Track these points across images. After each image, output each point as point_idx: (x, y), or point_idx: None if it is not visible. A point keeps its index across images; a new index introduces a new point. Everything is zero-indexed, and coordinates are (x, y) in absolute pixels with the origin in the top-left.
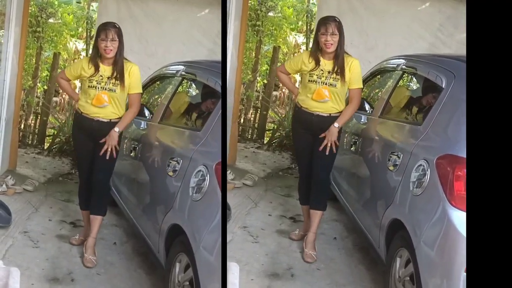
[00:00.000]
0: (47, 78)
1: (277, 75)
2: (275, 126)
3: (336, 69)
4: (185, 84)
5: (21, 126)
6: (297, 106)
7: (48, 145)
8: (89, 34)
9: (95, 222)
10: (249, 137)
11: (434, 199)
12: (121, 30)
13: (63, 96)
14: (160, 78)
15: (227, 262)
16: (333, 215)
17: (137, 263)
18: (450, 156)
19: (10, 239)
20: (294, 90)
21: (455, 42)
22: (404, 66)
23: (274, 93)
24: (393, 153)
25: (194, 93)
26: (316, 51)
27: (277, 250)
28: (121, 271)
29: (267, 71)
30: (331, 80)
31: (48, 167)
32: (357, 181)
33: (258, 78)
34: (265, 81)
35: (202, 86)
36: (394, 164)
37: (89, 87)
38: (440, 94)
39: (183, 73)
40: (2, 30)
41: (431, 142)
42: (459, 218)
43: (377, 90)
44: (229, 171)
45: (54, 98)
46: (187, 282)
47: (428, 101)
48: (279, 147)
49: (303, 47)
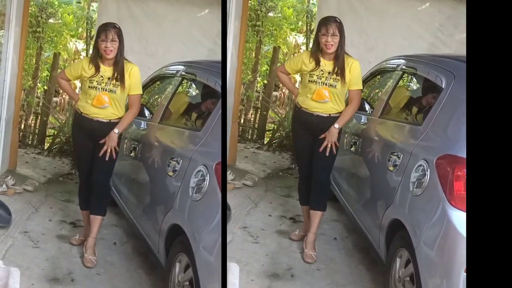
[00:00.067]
0: (47, 78)
1: (277, 75)
2: (275, 127)
3: (336, 69)
4: (185, 84)
5: (21, 126)
6: (297, 106)
7: (48, 145)
8: (89, 34)
9: (95, 222)
10: (249, 137)
11: (434, 199)
12: (121, 31)
13: (63, 96)
14: (160, 78)
15: (227, 263)
16: (333, 216)
17: (137, 263)
18: (450, 156)
19: (10, 239)
20: (294, 90)
21: (455, 42)
22: (404, 66)
23: (274, 93)
24: (393, 153)
25: (194, 93)
26: (316, 52)
27: (277, 250)
28: (121, 271)
29: (267, 72)
30: (331, 80)
31: (48, 167)
32: (357, 181)
33: (258, 78)
34: (265, 81)
35: (202, 86)
36: (394, 164)
37: (89, 88)
38: (440, 94)
39: (183, 73)
40: (2, 30)
41: (431, 142)
42: (459, 218)
43: (377, 90)
44: (229, 172)
45: (54, 98)
46: (187, 282)
47: (428, 101)
48: (279, 148)
49: (303, 48)
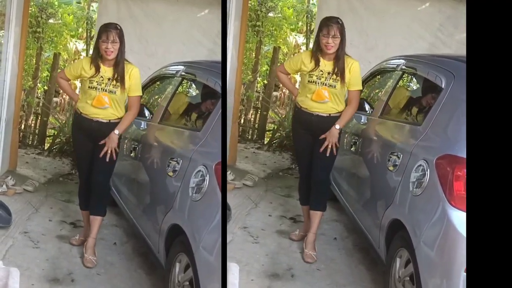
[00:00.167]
0: (47, 78)
1: (276, 75)
2: (275, 127)
3: (336, 70)
4: (185, 84)
5: (21, 126)
6: (296, 106)
7: (48, 145)
8: (89, 34)
9: (95, 223)
10: (249, 137)
11: (433, 199)
12: (122, 32)
13: (64, 96)
14: (160, 78)
15: (227, 263)
16: (333, 216)
17: (137, 263)
18: (450, 156)
19: (10, 240)
20: (294, 90)
21: (455, 42)
22: (404, 66)
23: (274, 93)
24: (393, 153)
25: (194, 93)
26: (316, 52)
27: (277, 250)
28: (121, 271)
29: (267, 72)
30: (331, 81)
31: (48, 168)
32: (357, 181)
33: (258, 78)
34: (265, 81)
35: (202, 87)
36: (394, 164)
37: (89, 88)
38: (439, 94)
39: (183, 73)
40: (2, 31)
41: (431, 142)
42: (459, 218)
43: (377, 91)
44: (229, 172)
45: (55, 99)
46: (187, 282)
47: (427, 101)
48: (279, 148)
49: (303, 48)
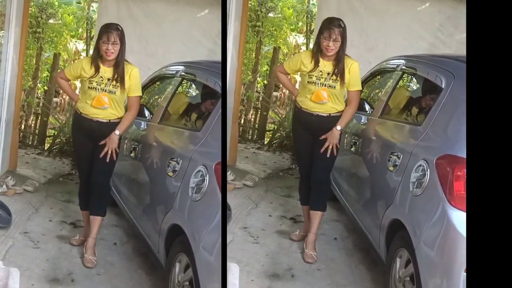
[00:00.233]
0: (47, 78)
1: (276, 76)
2: (276, 127)
3: (335, 71)
4: (185, 84)
5: (21, 126)
6: (296, 106)
7: (48, 145)
8: (89, 34)
9: (95, 223)
10: (249, 137)
11: (434, 199)
12: (123, 33)
13: (64, 96)
14: (160, 79)
15: (228, 263)
16: (333, 216)
17: (137, 263)
18: (450, 156)
19: (10, 240)
20: (294, 91)
21: (455, 42)
22: (404, 67)
23: (275, 93)
24: (393, 153)
25: (194, 93)
26: (317, 52)
27: (277, 250)
28: (121, 272)
29: (267, 72)
30: (331, 81)
31: (48, 168)
32: (357, 181)
33: (258, 78)
34: (265, 81)
35: (202, 87)
36: (394, 164)
37: (89, 88)
38: (439, 94)
39: (183, 73)
40: (2, 31)
41: (431, 142)
42: (459, 218)
43: (377, 91)
44: (229, 172)
45: (55, 99)
46: (187, 282)
47: (426, 102)
48: (280, 148)
49: (303, 48)
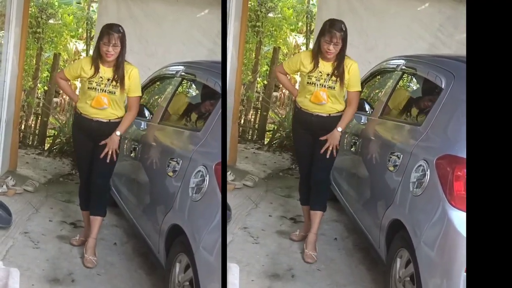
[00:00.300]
0: (48, 79)
1: (276, 76)
2: (276, 127)
3: (335, 72)
4: (185, 84)
5: (21, 127)
6: (296, 106)
7: (48, 145)
8: (89, 34)
9: (95, 223)
10: (249, 138)
11: (434, 199)
12: (124, 34)
13: (64, 97)
14: (160, 79)
15: (228, 263)
16: (333, 216)
17: (137, 264)
18: (450, 156)
19: (11, 240)
20: (294, 91)
21: (455, 42)
22: (403, 67)
23: (274, 93)
24: (393, 153)
25: (194, 93)
26: (317, 53)
27: (277, 251)
28: (121, 272)
29: (267, 72)
30: (330, 82)
31: (48, 168)
32: (357, 181)
33: (258, 79)
34: (265, 82)
35: (202, 87)
36: (394, 164)
37: (88, 89)
38: (439, 94)
39: (183, 73)
40: (2, 31)
41: (431, 143)
42: (459, 218)
43: (377, 91)
44: (229, 172)
45: (55, 99)
46: (187, 282)
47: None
48: (280, 148)
49: (303, 48)
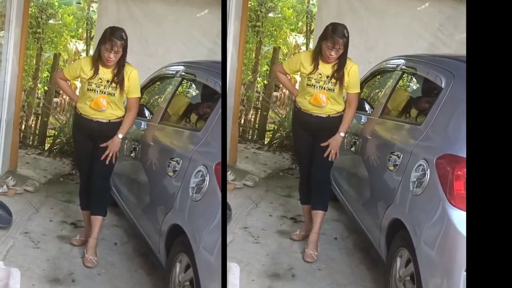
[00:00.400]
0: (48, 79)
1: (275, 75)
2: (276, 127)
3: (335, 74)
4: (185, 84)
5: (21, 127)
6: (296, 107)
7: (48, 145)
8: (89, 35)
9: (96, 223)
10: (249, 137)
11: (434, 199)
12: (127, 42)
13: (64, 97)
14: (160, 79)
15: (228, 263)
16: (333, 215)
17: (137, 264)
18: (450, 155)
19: (11, 240)
20: (294, 91)
21: (455, 42)
22: (404, 66)
23: (275, 93)
24: (393, 153)
25: (194, 93)
26: (317, 55)
27: (278, 250)
28: (122, 272)
29: (267, 72)
30: (330, 84)
31: (48, 168)
32: (357, 181)
33: (258, 78)
34: (265, 81)
35: (202, 87)
36: (394, 164)
37: (88, 90)
38: (438, 96)
39: (183, 73)
40: (2, 31)
41: (431, 142)
42: (459, 218)
43: (377, 90)
44: (229, 172)
45: (55, 99)
46: (188, 282)
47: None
48: (280, 148)
49: (303, 48)
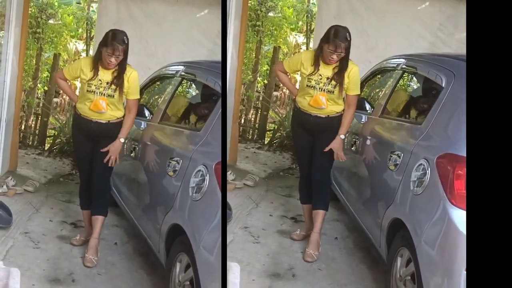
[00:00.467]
0: (48, 79)
1: (275, 74)
2: (276, 127)
3: (335, 76)
4: (184, 84)
5: (21, 127)
6: (296, 106)
7: (48, 146)
8: (89, 35)
9: (97, 223)
10: (249, 137)
11: (434, 198)
12: (128, 45)
13: (64, 97)
14: (160, 78)
15: (228, 262)
16: (334, 215)
17: (138, 263)
18: (450, 155)
19: (11, 240)
20: (294, 90)
21: (455, 41)
22: (404, 66)
23: (275, 93)
24: (393, 152)
25: (194, 93)
26: (318, 57)
27: (278, 250)
28: (122, 271)
29: (268, 72)
30: (329, 87)
31: (48, 168)
32: (357, 181)
33: (258, 78)
34: (265, 81)
35: (202, 86)
36: (395, 163)
37: (87, 92)
38: (437, 96)
39: (183, 73)
40: (2, 31)
41: (431, 141)
42: (460, 217)
43: (377, 90)
44: (230, 172)
45: (55, 99)
46: (188, 282)
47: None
48: (280, 148)
49: (303, 47)
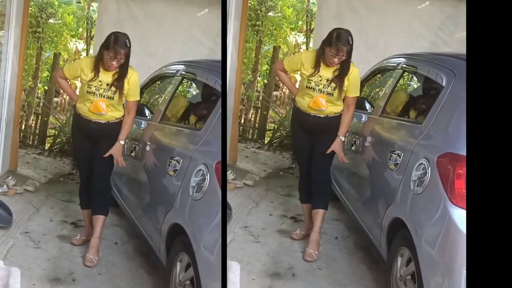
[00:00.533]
0: (48, 78)
1: (275, 73)
2: (276, 126)
3: (335, 79)
4: (185, 83)
5: (21, 126)
6: (295, 106)
7: (49, 145)
8: (89, 34)
9: (98, 222)
10: (249, 137)
11: (435, 198)
12: (130, 49)
13: (64, 96)
14: (160, 78)
15: (228, 261)
16: (334, 215)
17: (138, 263)
18: (451, 154)
19: (11, 240)
20: (293, 90)
21: (456, 40)
22: (404, 65)
23: (275, 93)
24: (393, 152)
25: (194, 92)
26: (320, 58)
27: (278, 249)
28: (122, 271)
29: (267, 71)
30: (329, 89)
31: (49, 168)
32: (357, 180)
33: (258, 78)
34: (265, 81)
35: (202, 86)
36: (395, 163)
37: (87, 93)
38: (437, 97)
39: (183, 72)
40: (2, 31)
41: (432, 141)
42: (460, 216)
43: (377, 89)
44: (230, 171)
45: (55, 99)
46: (188, 282)
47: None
48: (280, 147)
49: (303, 47)
